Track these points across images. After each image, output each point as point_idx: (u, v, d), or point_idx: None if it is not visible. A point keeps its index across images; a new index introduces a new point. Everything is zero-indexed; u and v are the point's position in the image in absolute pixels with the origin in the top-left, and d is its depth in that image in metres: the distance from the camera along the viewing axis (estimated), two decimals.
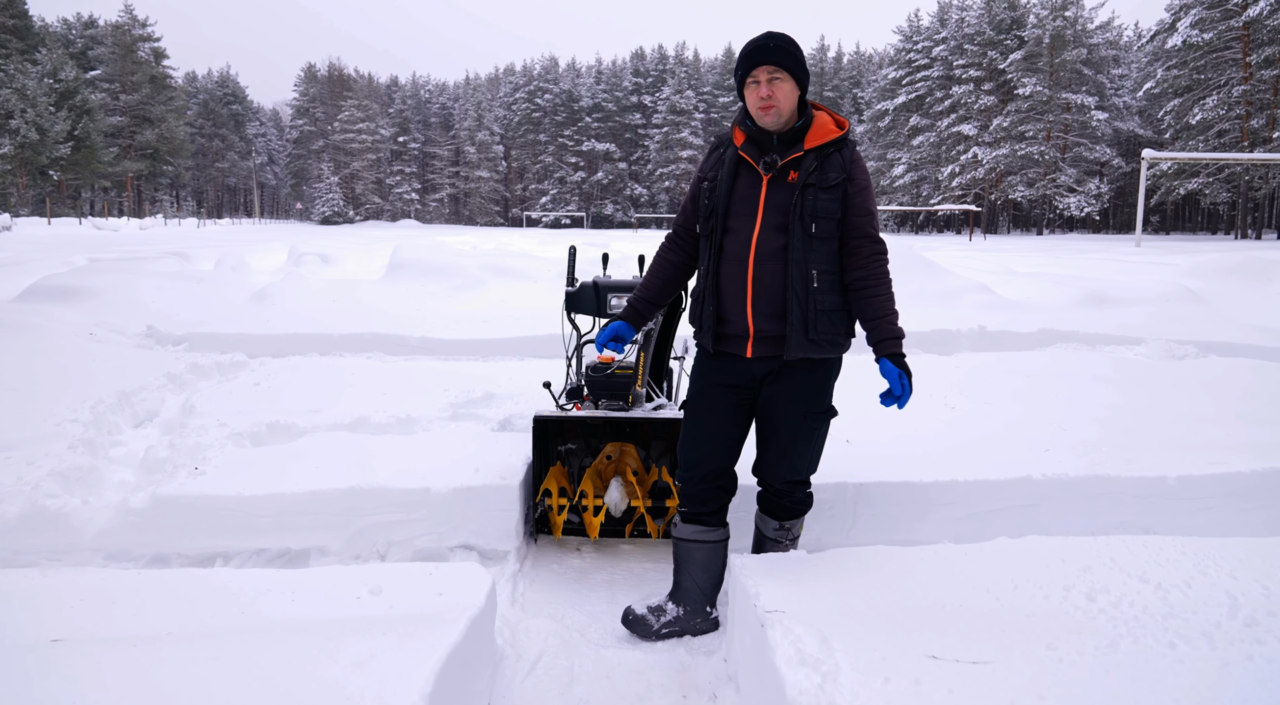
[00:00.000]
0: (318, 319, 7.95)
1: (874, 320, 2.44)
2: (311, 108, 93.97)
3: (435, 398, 4.80)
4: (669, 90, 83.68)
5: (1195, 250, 17.65)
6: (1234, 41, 48.53)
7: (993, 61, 63.01)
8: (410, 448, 3.63)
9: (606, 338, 2.66)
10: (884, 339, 2.43)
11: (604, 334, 2.67)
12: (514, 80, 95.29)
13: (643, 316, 2.69)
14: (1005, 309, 8.24)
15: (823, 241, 2.41)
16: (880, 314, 2.43)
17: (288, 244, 20.80)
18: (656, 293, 2.69)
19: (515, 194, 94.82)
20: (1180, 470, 3.16)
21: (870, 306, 2.44)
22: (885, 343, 2.43)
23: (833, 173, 2.40)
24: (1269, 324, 7.72)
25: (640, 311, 2.69)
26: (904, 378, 2.39)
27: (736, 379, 2.54)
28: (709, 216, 2.51)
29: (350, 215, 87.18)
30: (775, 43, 2.39)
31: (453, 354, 6.78)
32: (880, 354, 2.44)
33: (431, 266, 11.63)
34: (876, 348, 2.45)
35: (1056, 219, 65.92)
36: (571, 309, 4.11)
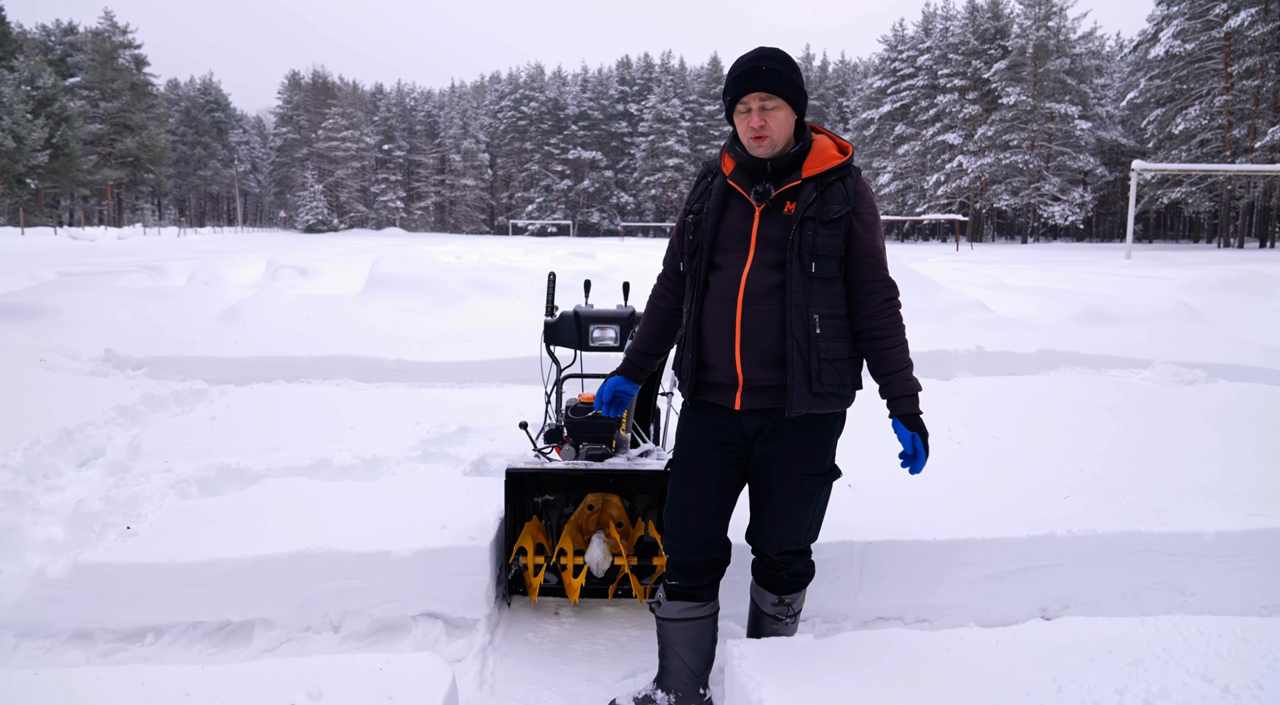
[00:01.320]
0: (289, 339, 7.60)
1: (887, 376, 2.16)
2: (295, 115, 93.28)
3: (406, 433, 4.48)
4: (655, 98, 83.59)
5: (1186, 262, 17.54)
6: (1215, 52, 48.90)
7: (977, 71, 63.28)
8: (373, 498, 3.29)
9: (607, 397, 2.42)
10: (898, 397, 2.15)
11: (604, 391, 2.42)
12: (500, 88, 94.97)
13: (641, 371, 2.43)
14: (1002, 327, 7.99)
15: (824, 283, 2.12)
16: (895, 369, 2.15)
17: (266, 256, 20.38)
18: (652, 343, 2.42)
19: (501, 202, 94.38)
20: (1217, 525, 2.88)
21: (884, 360, 2.16)
22: (900, 401, 2.15)
23: (835, 205, 2.10)
24: (1274, 343, 7.50)
25: (639, 365, 2.42)
26: (919, 440, 2.12)
27: (726, 435, 2.24)
28: (694, 253, 2.21)
29: (334, 223, 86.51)
30: (768, 65, 2.08)
31: (429, 379, 6.45)
32: (894, 413, 2.17)
33: (411, 281, 11.28)
34: (890, 406, 2.18)
35: (1041, 227, 66.16)
36: (550, 341, 3.80)
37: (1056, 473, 3.65)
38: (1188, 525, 2.90)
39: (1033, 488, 3.44)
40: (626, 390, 2.42)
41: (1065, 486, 3.44)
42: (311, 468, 3.84)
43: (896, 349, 2.16)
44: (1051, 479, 3.56)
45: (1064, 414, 4.79)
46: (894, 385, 2.15)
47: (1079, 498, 3.29)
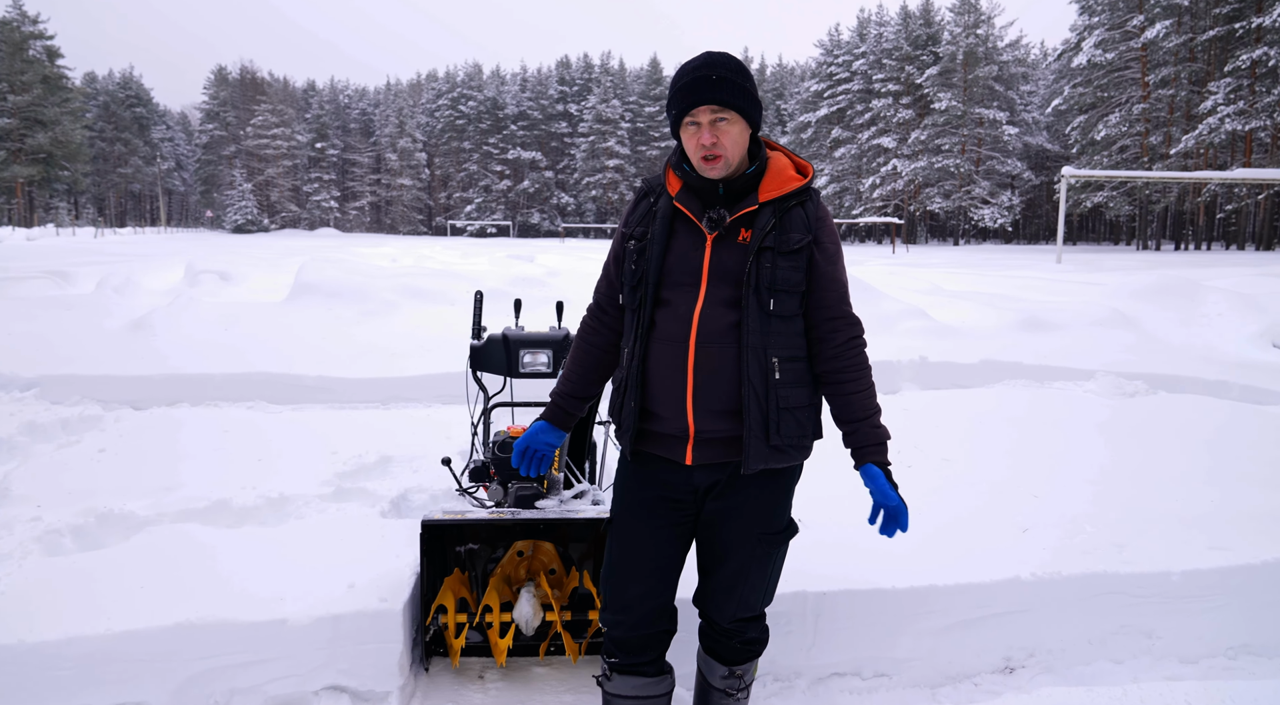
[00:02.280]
0: (202, 355, 7.06)
1: (854, 422, 1.92)
2: (222, 112, 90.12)
3: (320, 465, 4.10)
4: (595, 99, 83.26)
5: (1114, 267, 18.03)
6: (1133, 61, 50.93)
7: (910, 76, 64.70)
8: (275, 548, 2.93)
9: (527, 447, 2.09)
10: (865, 446, 1.91)
11: (526, 439, 2.09)
12: (437, 87, 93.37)
13: (569, 416, 2.13)
14: (944, 336, 7.93)
15: (784, 321, 1.87)
16: (861, 415, 1.92)
17: (186, 259, 19.41)
18: (582, 384, 2.12)
19: (439, 202, 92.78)
20: (1183, 563, 2.74)
21: (849, 406, 1.92)
22: (867, 449, 1.91)
23: (795, 233, 1.86)
24: (1207, 352, 7.62)
25: (566, 410, 2.12)
26: (891, 489, 1.88)
27: (674, 491, 1.97)
28: (637, 285, 1.93)
29: (265, 224, 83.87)
30: (719, 73, 1.82)
31: (351, 400, 6.03)
32: (862, 461, 1.91)
33: (340, 288, 10.75)
34: (857, 455, 1.93)
35: (971, 229, 68.01)
36: (477, 367, 3.49)
37: (1012, 500, 3.49)
38: (1154, 564, 2.74)
39: (989, 518, 3.27)
40: (550, 440, 2.10)
41: (1022, 516, 3.28)
42: (208, 510, 3.44)
43: (862, 393, 1.93)
44: (1008, 507, 3.40)
45: (1013, 432, 4.68)
46: (861, 432, 1.91)
47: (1037, 530, 3.12)
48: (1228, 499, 3.46)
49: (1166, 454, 4.20)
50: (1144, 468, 3.97)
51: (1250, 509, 3.34)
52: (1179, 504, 3.41)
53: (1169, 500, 3.46)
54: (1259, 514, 3.28)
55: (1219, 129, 43.17)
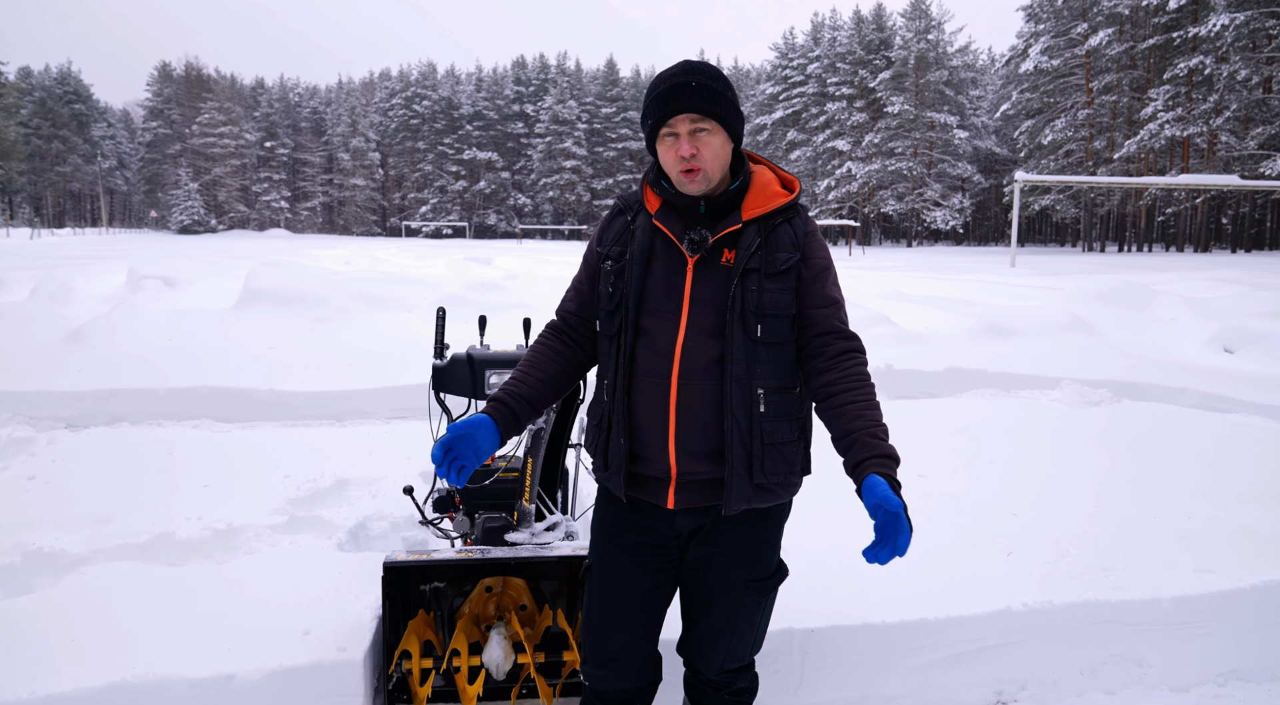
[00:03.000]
0: (145, 367, 6.72)
1: (853, 435, 1.62)
2: (167, 109, 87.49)
3: (271, 490, 3.87)
4: (551, 100, 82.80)
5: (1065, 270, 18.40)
6: (1078, 68, 52.36)
7: (863, 80, 65.59)
8: (221, 588, 2.72)
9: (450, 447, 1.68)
10: (870, 456, 1.58)
11: (454, 433, 1.69)
12: (390, 86, 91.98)
13: (517, 420, 1.80)
14: (908, 343, 7.93)
15: (771, 348, 1.72)
16: (863, 426, 1.62)
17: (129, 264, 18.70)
18: (538, 390, 1.84)
19: (393, 203, 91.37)
20: (1173, 589, 2.68)
21: (846, 415, 1.64)
22: (872, 461, 1.57)
23: (782, 252, 1.73)
24: (1162, 357, 7.74)
25: (516, 413, 1.79)
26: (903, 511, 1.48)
27: (656, 536, 1.83)
28: (614, 310, 1.78)
29: (212, 224, 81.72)
30: (698, 80, 1.68)
31: (304, 416, 5.77)
32: (867, 472, 1.56)
33: (291, 294, 10.38)
34: (858, 471, 1.58)
35: (924, 231, 69.20)
36: (440, 388, 3.30)
37: (993, 519, 3.43)
38: (1143, 589, 2.68)
39: (973, 540, 3.19)
40: (483, 445, 1.70)
41: (1005, 538, 3.21)
42: (149, 546, 3.20)
43: (861, 404, 1.65)
44: (990, 527, 3.33)
45: (985, 444, 4.64)
46: (863, 442, 1.59)
47: (1022, 553, 3.05)
48: (1205, 514, 3.44)
49: (1138, 466, 4.19)
50: (1117, 481, 3.95)
51: (1230, 525, 3.32)
52: (1158, 521, 3.37)
53: (1148, 517, 3.42)
54: (1238, 530, 3.26)
55: (1159, 135, 44.55)
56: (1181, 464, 4.23)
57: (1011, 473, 4.09)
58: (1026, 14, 55.72)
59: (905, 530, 1.47)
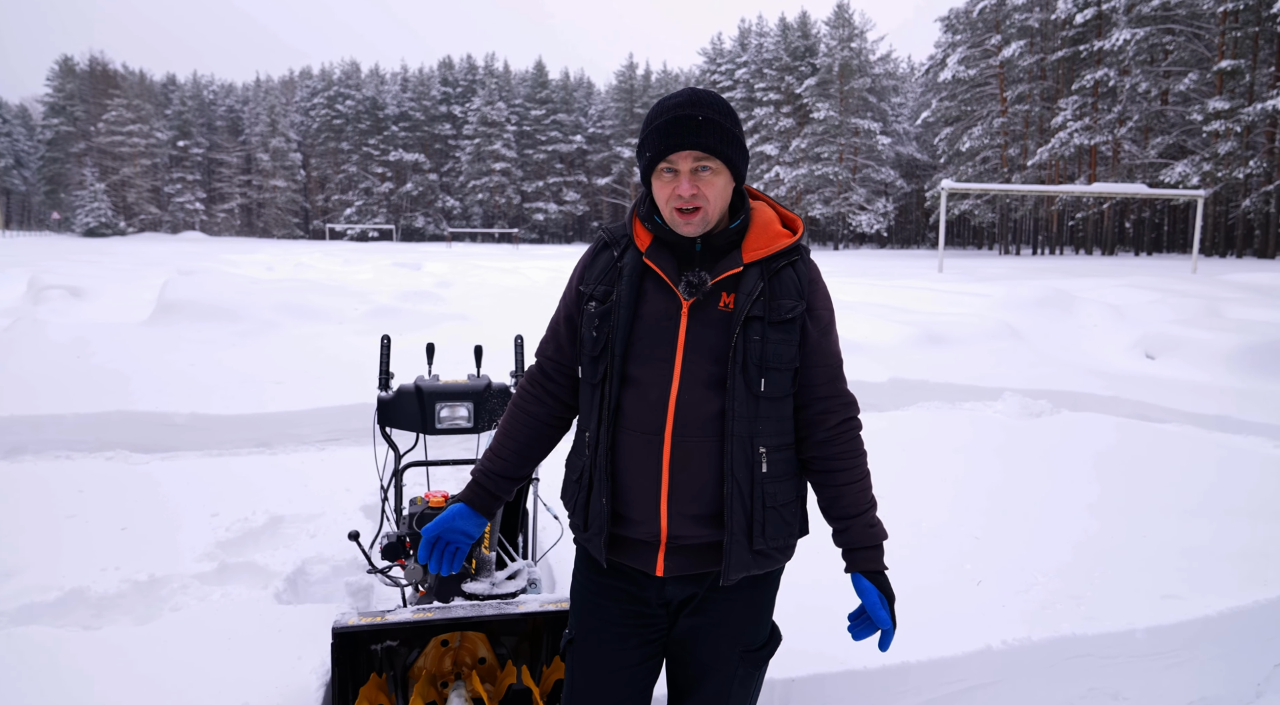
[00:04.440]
0: (49, 390, 6.23)
1: (845, 520, 1.67)
2: (69, 105, 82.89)
3: (198, 531, 3.57)
4: (479, 101, 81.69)
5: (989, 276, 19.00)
6: (992, 78, 54.41)
7: (790, 86, 66.76)
8: (143, 656, 2.45)
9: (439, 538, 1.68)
10: (858, 549, 1.67)
11: (438, 528, 1.68)
12: (312, 84, 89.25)
13: (494, 500, 1.74)
14: (850, 353, 7.97)
15: (773, 404, 1.60)
16: (855, 511, 1.67)
17: (30, 272, 17.56)
18: (515, 463, 1.75)
19: (316, 205, 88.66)
20: (1145, 619, 2.67)
21: (840, 500, 1.67)
22: (861, 554, 1.67)
23: (787, 300, 1.59)
24: (1090, 364, 7.98)
25: (492, 492, 1.73)
26: (886, 604, 1.64)
27: (643, 605, 1.68)
28: (600, 355, 1.62)
29: (121, 227, 77.84)
30: (706, 114, 1.54)
31: (229, 443, 5.42)
32: (855, 568, 1.68)
33: (212, 306, 9.87)
34: (847, 559, 1.69)
35: (849, 235, 70.82)
36: (386, 423, 3.08)
37: (956, 545, 3.40)
38: (1116, 621, 2.67)
39: (939, 568, 3.15)
40: (468, 530, 1.70)
41: (971, 564, 3.18)
42: (58, 604, 2.88)
43: (857, 485, 1.68)
44: (955, 556, 3.29)
45: (938, 462, 4.64)
46: (853, 532, 1.67)
47: (990, 582, 3.02)
48: (1159, 533, 3.48)
49: (1088, 484, 4.24)
50: (1070, 499, 3.98)
51: (1182, 543, 3.36)
52: (1115, 540, 3.40)
53: (1105, 537, 3.45)
54: (1191, 548, 3.31)
55: (1068, 143, 46.65)
56: (1129, 480, 4.31)
57: (966, 492, 4.09)
58: (944, 25, 57.69)
59: (889, 636, 1.64)
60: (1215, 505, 3.92)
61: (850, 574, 1.68)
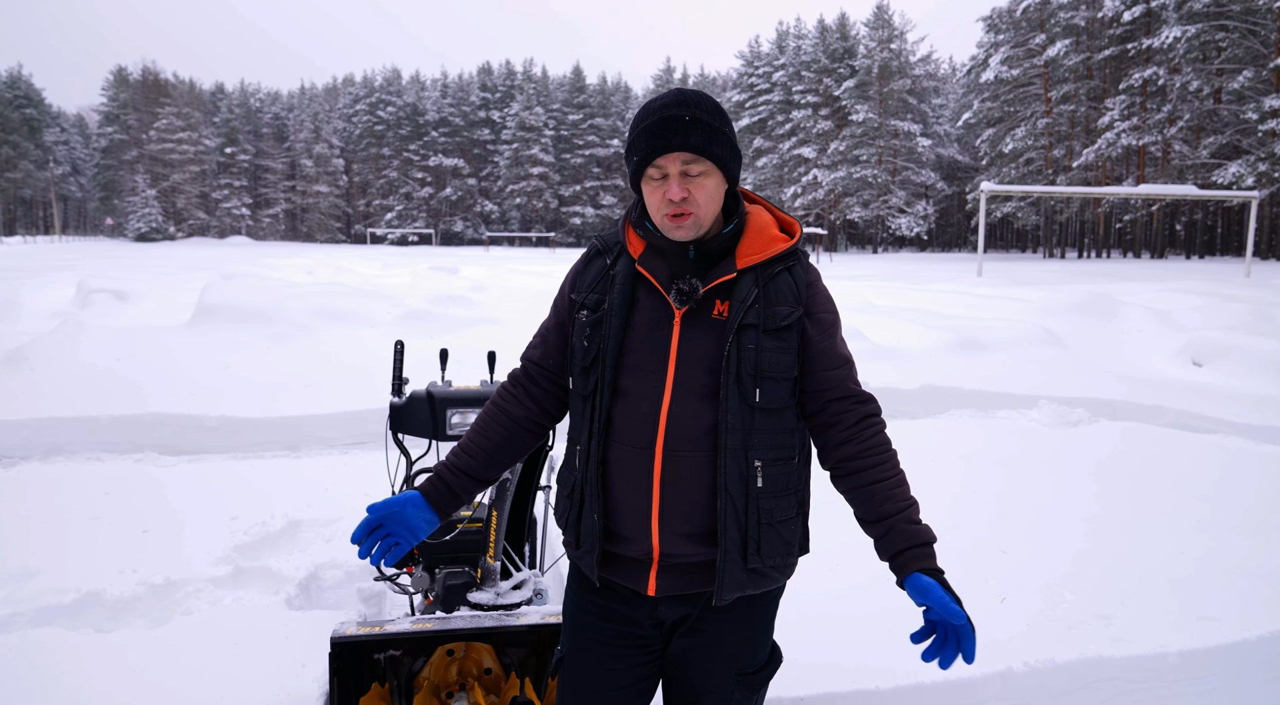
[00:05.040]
0: (89, 392, 6.36)
1: (884, 521, 1.49)
2: (123, 114, 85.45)
3: (216, 535, 3.60)
4: (518, 106, 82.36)
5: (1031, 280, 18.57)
6: (1036, 78, 53.32)
7: (828, 88, 66.17)
8: (152, 660, 2.46)
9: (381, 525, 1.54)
10: (909, 547, 1.45)
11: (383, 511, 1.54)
12: (354, 92, 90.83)
13: (455, 499, 1.63)
14: (882, 359, 7.83)
15: (770, 416, 1.52)
16: (893, 510, 1.49)
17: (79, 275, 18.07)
18: (484, 463, 1.65)
19: (358, 210, 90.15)
20: (1178, 641, 2.54)
21: (874, 499, 1.50)
22: (909, 554, 1.45)
23: (783, 306, 1.52)
24: (1133, 371, 7.72)
25: (454, 490, 1.62)
26: (953, 601, 1.38)
27: (636, 626, 1.62)
28: (590, 366, 1.57)
29: (171, 232, 79.92)
30: (693, 114, 1.48)
31: (256, 445, 5.48)
32: (907, 571, 1.44)
33: (249, 310, 10.02)
34: (896, 563, 1.47)
35: (889, 238, 69.94)
36: (398, 428, 3.07)
37: (983, 559, 3.28)
38: (1147, 643, 2.54)
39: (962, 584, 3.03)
40: (417, 525, 1.56)
41: (997, 581, 3.06)
42: (76, 607, 2.92)
43: (889, 482, 1.51)
44: (981, 568, 3.18)
45: (969, 472, 4.51)
46: (899, 531, 1.46)
47: (1015, 599, 2.91)
48: (1199, 550, 3.33)
49: (1125, 496, 4.08)
50: (1105, 513, 3.83)
51: (1224, 562, 3.21)
52: (1151, 558, 3.25)
53: (1141, 554, 3.30)
54: (1233, 569, 3.15)
55: (1115, 143, 45.50)
56: (1169, 493, 4.14)
57: (997, 504, 3.96)
58: (986, 24, 56.69)
59: (969, 635, 1.38)
60: (1260, 521, 3.74)
61: (903, 581, 1.44)
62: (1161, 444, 5.04)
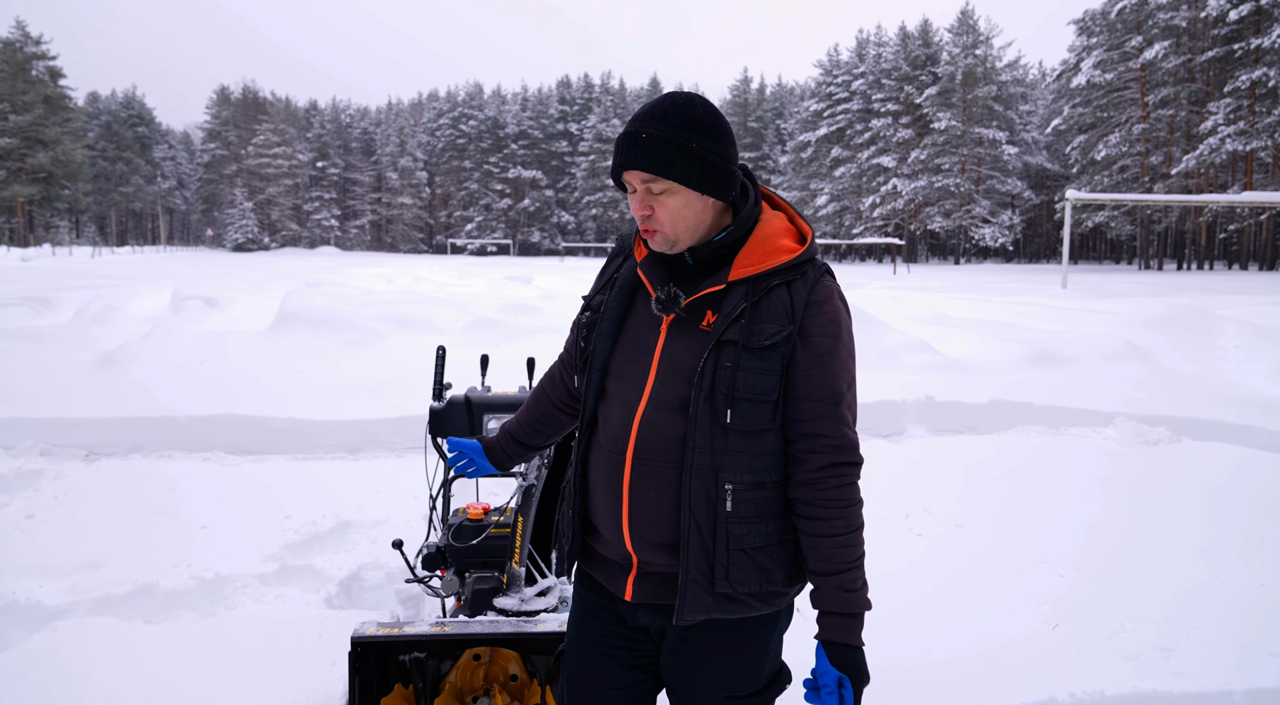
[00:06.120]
0: (172, 392, 6.68)
1: (821, 577, 1.44)
2: (224, 131, 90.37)
3: (269, 532, 3.72)
4: (595, 118, 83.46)
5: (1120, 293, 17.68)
6: (1132, 82, 50.94)
7: (909, 96, 64.76)
8: (194, 652, 2.55)
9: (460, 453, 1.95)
10: (830, 613, 1.43)
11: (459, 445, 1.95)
12: (438, 106, 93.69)
13: (507, 456, 1.90)
14: (950, 371, 7.56)
15: (744, 437, 1.43)
16: (830, 570, 1.43)
17: (174, 283, 19.09)
18: (527, 432, 1.87)
19: (439, 220, 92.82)
20: (1250, 681, 2.35)
21: (815, 552, 1.44)
22: (830, 621, 1.42)
23: (771, 324, 1.42)
24: (1226, 389, 7.24)
25: (504, 447, 1.90)
26: (846, 685, 1.39)
27: (622, 625, 1.59)
28: (584, 367, 1.57)
29: (265, 242, 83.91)
30: (651, 131, 1.40)
31: (318, 448, 5.65)
32: (820, 636, 1.43)
33: (324, 317, 10.39)
34: (821, 620, 1.44)
35: (972, 248, 67.84)
36: (437, 432, 3.11)
37: (1036, 581, 3.11)
38: (1211, 679, 2.36)
39: (1012, 607, 2.89)
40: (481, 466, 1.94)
41: (1050, 605, 2.90)
42: (130, 597, 3.05)
43: (835, 539, 1.43)
44: (1032, 592, 3.01)
45: (1033, 490, 4.30)
46: (824, 592, 1.43)
47: (1069, 624, 2.74)
48: (1272, 575, 3.08)
49: (1206, 522, 3.81)
50: (1182, 540, 3.58)
51: None
52: (1227, 589, 3.02)
53: (1215, 585, 3.07)
54: None
55: (1220, 149, 43.05)
56: (1252, 519, 3.85)
57: (1059, 525, 3.75)
58: (1078, 28, 54.53)
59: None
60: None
61: (820, 640, 1.43)
62: (1248, 466, 4.69)
